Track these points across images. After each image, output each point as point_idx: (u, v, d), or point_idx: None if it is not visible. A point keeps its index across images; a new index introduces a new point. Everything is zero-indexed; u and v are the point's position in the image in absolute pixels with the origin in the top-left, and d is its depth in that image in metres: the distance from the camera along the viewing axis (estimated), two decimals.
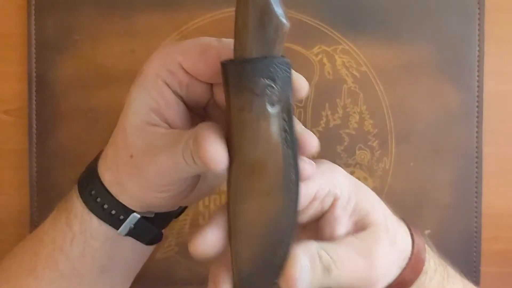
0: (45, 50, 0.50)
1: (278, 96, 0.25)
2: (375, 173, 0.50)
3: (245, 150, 0.25)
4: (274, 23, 0.24)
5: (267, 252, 0.27)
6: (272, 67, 0.25)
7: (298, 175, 0.26)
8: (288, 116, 0.25)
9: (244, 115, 0.25)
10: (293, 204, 0.26)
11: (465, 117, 0.50)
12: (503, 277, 0.51)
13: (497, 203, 0.51)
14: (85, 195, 0.31)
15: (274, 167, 0.26)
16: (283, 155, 0.25)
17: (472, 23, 0.50)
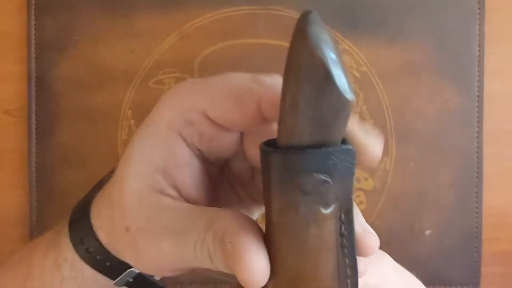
0: (45, 50, 0.50)
1: (335, 193, 0.19)
2: (376, 173, 0.50)
3: (288, 262, 0.20)
4: (335, 101, 0.18)
5: None
6: (329, 159, 0.19)
7: (356, 282, 0.20)
8: (347, 216, 0.20)
9: (289, 218, 0.19)
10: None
11: (465, 117, 0.50)
12: (503, 278, 0.51)
13: (497, 203, 0.51)
14: (75, 242, 0.27)
15: (326, 282, 0.20)
16: (338, 266, 0.20)
17: (472, 23, 0.50)
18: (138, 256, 0.25)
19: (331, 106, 0.18)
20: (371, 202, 0.50)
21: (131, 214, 0.24)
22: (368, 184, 0.50)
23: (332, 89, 0.18)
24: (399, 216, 0.50)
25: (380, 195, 0.50)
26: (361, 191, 0.50)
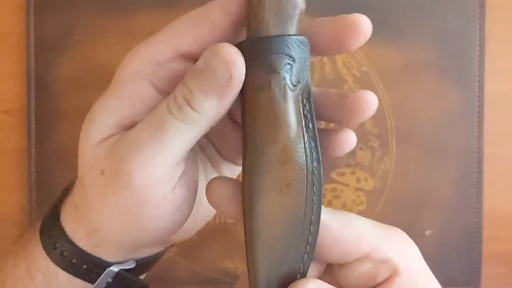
0: (44, 50, 0.50)
1: (297, 76, 0.23)
2: (376, 173, 0.50)
3: (263, 134, 0.23)
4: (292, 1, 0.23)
5: (287, 255, 0.24)
6: (291, 45, 0.23)
7: (320, 166, 0.23)
8: (308, 101, 0.23)
9: (263, 95, 0.23)
10: (316, 197, 0.23)
11: (465, 117, 0.50)
12: (504, 278, 0.51)
13: (497, 203, 0.51)
14: (48, 247, 0.26)
15: (295, 154, 0.23)
16: (305, 143, 0.23)
17: (473, 23, 0.49)
18: (122, 195, 0.23)
19: (289, 1, 0.23)
20: (371, 202, 0.50)
21: (99, 158, 0.24)
22: (368, 184, 0.50)
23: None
24: (399, 216, 0.50)
25: (380, 195, 0.50)
26: (361, 191, 0.50)
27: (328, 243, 0.24)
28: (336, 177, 0.50)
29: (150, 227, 0.24)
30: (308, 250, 0.24)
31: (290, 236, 0.23)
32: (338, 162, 0.50)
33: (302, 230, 0.23)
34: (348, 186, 0.50)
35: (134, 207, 0.24)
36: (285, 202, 0.23)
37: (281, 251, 0.23)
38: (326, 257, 0.24)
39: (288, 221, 0.23)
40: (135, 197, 0.23)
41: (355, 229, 0.24)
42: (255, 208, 0.23)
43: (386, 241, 0.24)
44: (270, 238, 0.23)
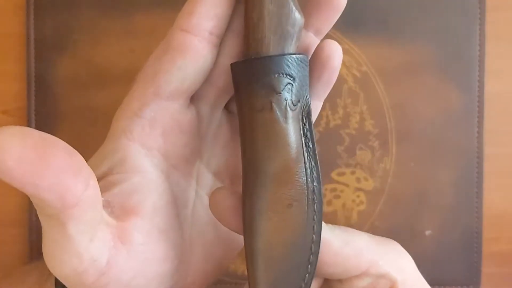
0: (44, 50, 0.50)
1: (297, 95, 0.23)
2: (376, 173, 0.50)
3: (264, 156, 0.23)
4: (292, 16, 0.23)
5: (288, 275, 0.24)
6: (291, 64, 0.23)
7: (320, 184, 0.23)
8: (307, 119, 0.23)
9: (264, 116, 0.23)
10: (317, 216, 0.23)
11: (466, 117, 0.50)
12: (504, 278, 0.51)
13: (498, 204, 0.51)
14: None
15: (296, 175, 0.23)
16: (305, 162, 0.23)
17: (473, 23, 0.49)
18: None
19: (289, 20, 0.23)
20: (371, 202, 0.50)
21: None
22: (368, 184, 0.50)
23: (290, 6, 0.23)
24: (399, 216, 0.50)
25: (380, 195, 0.50)
26: (361, 191, 0.50)
27: (328, 261, 0.24)
28: (336, 177, 0.50)
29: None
30: (310, 270, 0.24)
31: (291, 256, 0.23)
32: (338, 162, 0.50)
33: (303, 250, 0.23)
34: (348, 186, 0.50)
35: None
36: (286, 223, 0.23)
37: (282, 271, 0.23)
38: (326, 273, 0.25)
39: (289, 241, 0.23)
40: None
41: (354, 246, 0.24)
42: (256, 229, 0.23)
43: (384, 255, 0.25)
44: (271, 258, 0.23)
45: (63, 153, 0.19)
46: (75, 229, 0.20)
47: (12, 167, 0.18)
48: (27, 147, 0.18)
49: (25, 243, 0.50)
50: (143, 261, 0.23)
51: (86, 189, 0.20)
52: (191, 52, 0.23)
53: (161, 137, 0.24)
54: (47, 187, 0.18)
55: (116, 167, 0.24)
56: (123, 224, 0.23)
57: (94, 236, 0.21)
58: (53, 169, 0.18)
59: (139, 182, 0.24)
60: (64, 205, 0.19)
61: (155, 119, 0.24)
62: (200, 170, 0.27)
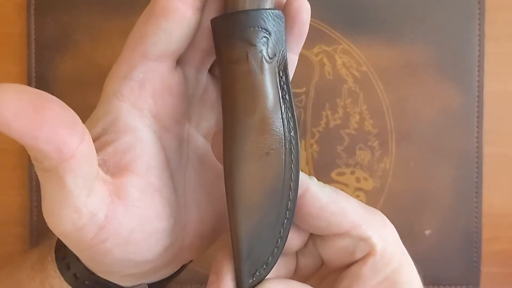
0: (44, 50, 0.50)
1: (273, 49, 0.24)
2: (376, 173, 0.50)
3: (242, 105, 0.24)
4: None
5: (267, 220, 0.24)
6: (266, 18, 0.24)
7: (297, 134, 0.24)
8: (284, 73, 0.24)
9: (241, 67, 0.24)
10: (294, 165, 0.24)
11: (465, 117, 0.50)
12: (503, 278, 0.51)
13: (497, 203, 0.51)
14: (62, 267, 0.27)
15: (273, 125, 0.24)
16: (282, 113, 0.24)
17: (472, 23, 0.50)
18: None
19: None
20: (371, 202, 0.50)
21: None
22: (368, 184, 0.50)
23: None
24: (399, 216, 0.50)
25: (380, 195, 0.50)
26: (361, 191, 0.50)
27: (313, 213, 0.25)
28: (336, 177, 0.50)
29: (133, 259, 0.25)
30: (288, 215, 0.25)
31: (269, 202, 0.24)
32: (338, 162, 0.50)
33: (281, 196, 0.24)
34: (348, 186, 0.50)
35: (86, 251, 0.24)
36: (264, 170, 0.24)
37: (261, 216, 0.24)
38: (310, 226, 0.26)
39: (267, 188, 0.24)
40: (71, 241, 0.24)
41: (341, 206, 0.25)
42: (235, 176, 0.24)
43: (368, 221, 0.26)
44: (251, 204, 0.24)
45: (58, 108, 0.20)
46: (72, 183, 0.21)
47: (11, 119, 0.18)
48: (23, 100, 0.19)
49: (25, 242, 0.50)
50: (140, 217, 0.24)
51: (81, 143, 0.21)
52: (175, 15, 0.24)
53: (151, 98, 0.25)
54: (44, 138, 0.19)
55: (109, 127, 0.25)
56: (119, 181, 0.24)
57: (92, 191, 0.22)
58: (49, 121, 0.19)
59: (132, 141, 0.25)
60: (61, 156, 0.20)
61: (144, 80, 0.25)
62: (190, 133, 0.27)
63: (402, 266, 0.26)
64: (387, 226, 0.27)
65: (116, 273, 0.26)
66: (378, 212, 0.27)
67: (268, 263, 0.25)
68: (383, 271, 0.25)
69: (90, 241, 0.23)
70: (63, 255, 0.27)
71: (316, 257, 0.28)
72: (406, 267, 0.26)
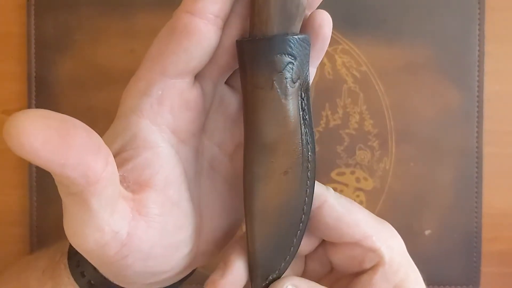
0: (44, 50, 0.50)
1: (298, 73, 0.24)
2: (375, 173, 0.50)
3: (265, 129, 0.25)
4: (296, 1, 0.24)
5: (281, 231, 0.26)
6: (293, 44, 0.24)
7: (314, 153, 0.26)
8: (306, 94, 0.25)
9: (265, 94, 0.24)
10: (310, 182, 0.26)
11: (465, 117, 0.50)
12: (503, 277, 0.51)
13: (497, 203, 0.51)
14: (76, 275, 0.28)
15: (293, 146, 0.25)
16: (302, 134, 0.25)
17: (472, 23, 0.50)
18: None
19: (294, 1, 0.24)
20: (371, 202, 0.50)
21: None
22: (368, 184, 0.50)
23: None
24: (399, 216, 0.50)
25: (380, 195, 0.50)
26: (361, 191, 0.50)
27: (330, 223, 0.27)
28: (336, 177, 0.50)
29: (153, 271, 0.26)
30: (301, 227, 0.27)
31: (285, 215, 0.26)
32: (338, 162, 0.50)
33: (296, 210, 0.26)
34: (348, 186, 0.50)
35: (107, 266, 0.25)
36: (281, 187, 0.26)
37: (276, 227, 0.26)
38: (325, 234, 0.28)
39: (283, 203, 0.26)
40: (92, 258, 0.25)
41: (355, 217, 0.27)
42: (254, 192, 0.25)
43: (378, 233, 0.27)
44: (267, 217, 0.26)
45: (84, 133, 0.20)
46: (97, 205, 0.21)
47: (39, 148, 0.19)
48: (50, 129, 0.19)
49: (25, 243, 0.50)
50: (160, 231, 0.25)
51: (106, 166, 0.21)
52: (197, 34, 0.24)
53: (169, 114, 0.25)
54: (71, 165, 0.20)
55: (128, 143, 0.25)
56: (139, 197, 0.24)
57: (114, 210, 0.23)
58: (76, 148, 0.20)
59: (151, 157, 0.25)
60: (87, 182, 0.20)
61: (162, 97, 0.25)
62: (205, 144, 0.28)
63: (408, 275, 0.28)
64: (395, 237, 0.28)
65: (133, 284, 0.27)
66: (387, 223, 0.29)
67: (280, 268, 0.27)
68: (392, 280, 0.27)
69: (112, 257, 0.24)
70: (77, 262, 0.28)
71: (325, 263, 0.29)
72: (413, 276, 0.28)
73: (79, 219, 0.22)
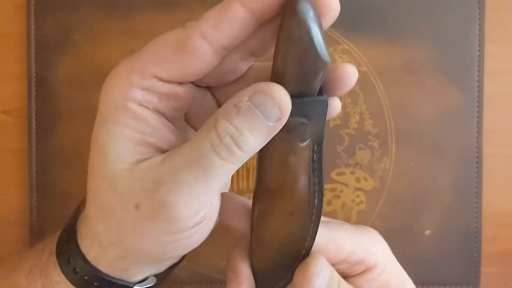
0: (44, 50, 0.50)
1: (310, 131, 0.25)
2: (375, 173, 0.50)
3: (273, 177, 0.26)
4: (315, 62, 0.23)
5: (284, 261, 0.28)
6: (307, 106, 0.24)
7: (321, 200, 0.27)
8: (318, 147, 0.26)
9: (275, 149, 0.25)
10: (314, 224, 0.27)
11: (465, 117, 0.50)
12: (503, 278, 0.51)
13: (497, 203, 0.51)
14: (62, 262, 0.27)
15: (300, 193, 0.26)
16: (309, 183, 0.26)
17: (472, 23, 0.50)
18: (161, 224, 0.24)
19: (312, 65, 0.23)
20: (371, 202, 0.50)
21: (133, 189, 0.24)
22: (368, 184, 0.50)
23: (314, 53, 0.22)
24: (399, 216, 0.50)
25: (380, 195, 0.50)
26: (361, 191, 0.50)
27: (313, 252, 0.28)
28: (336, 177, 0.50)
29: (180, 250, 0.26)
30: (301, 259, 0.29)
31: (289, 247, 0.28)
32: (338, 162, 0.50)
33: (299, 244, 0.28)
34: (348, 186, 0.50)
35: (169, 238, 0.25)
36: (286, 225, 0.27)
37: (280, 256, 0.28)
38: None
39: (286, 238, 0.28)
40: (173, 230, 0.24)
41: (336, 243, 0.28)
42: (261, 227, 0.28)
43: (361, 244, 0.29)
44: (273, 247, 0.28)
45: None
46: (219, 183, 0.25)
47: None
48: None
49: (25, 243, 0.50)
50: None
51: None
52: (202, 58, 0.24)
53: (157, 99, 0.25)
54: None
55: (151, 132, 0.25)
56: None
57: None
58: None
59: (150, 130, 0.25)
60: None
61: (148, 96, 0.25)
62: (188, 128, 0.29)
63: (393, 272, 0.30)
64: (377, 242, 0.30)
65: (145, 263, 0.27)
66: (368, 229, 0.30)
67: (280, 286, 0.29)
68: (378, 280, 0.29)
69: (185, 230, 0.25)
70: (67, 260, 0.27)
71: None
72: (397, 272, 0.30)
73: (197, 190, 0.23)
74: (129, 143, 0.24)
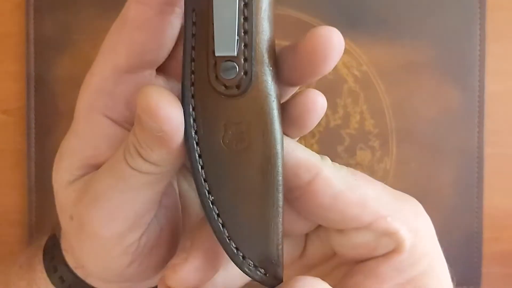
0: (44, 49, 0.49)
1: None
2: (376, 173, 0.50)
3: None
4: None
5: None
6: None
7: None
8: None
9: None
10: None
11: (466, 117, 0.50)
12: (504, 278, 0.51)
13: (498, 204, 0.51)
14: (49, 270, 0.27)
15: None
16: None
17: (473, 22, 0.49)
18: (89, 241, 0.22)
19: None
20: None
21: (67, 201, 0.22)
22: None
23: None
24: None
25: None
26: None
27: (324, 203, 0.20)
28: None
29: (126, 270, 0.23)
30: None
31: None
32: (338, 162, 0.50)
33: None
34: None
35: (104, 254, 0.22)
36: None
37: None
38: (320, 218, 0.21)
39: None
40: (103, 246, 0.22)
41: (359, 194, 0.21)
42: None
43: (395, 212, 0.21)
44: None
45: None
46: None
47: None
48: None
49: (24, 243, 0.50)
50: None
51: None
52: (149, 25, 0.21)
53: (127, 110, 0.22)
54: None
55: (105, 149, 0.22)
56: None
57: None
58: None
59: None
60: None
61: (116, 92, 0.22)
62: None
63: (433, 268, 0.22)
64: (420, 217, 0.22)
65: (102, 279, 0.26)
66: (410, 198, 0.23)
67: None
68: (408, 272, 0.21)
69: (115, 247, 0.23)
70: (51, 256, 0.27)
71: (327, 247, 0.23)
72: (439, 270, 0.22)
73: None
74: (80, 156, 0.23)
